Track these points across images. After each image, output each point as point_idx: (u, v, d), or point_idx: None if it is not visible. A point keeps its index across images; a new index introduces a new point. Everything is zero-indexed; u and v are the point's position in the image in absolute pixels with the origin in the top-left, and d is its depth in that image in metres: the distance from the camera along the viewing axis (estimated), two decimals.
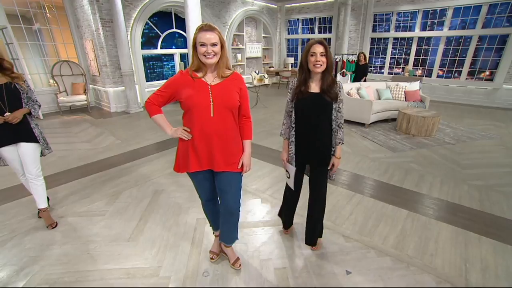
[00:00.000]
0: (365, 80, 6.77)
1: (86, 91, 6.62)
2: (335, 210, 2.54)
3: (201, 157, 1.51)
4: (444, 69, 7.91)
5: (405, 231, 2.25)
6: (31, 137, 2.15)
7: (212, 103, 1.39)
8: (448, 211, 2.53)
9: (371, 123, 5.15)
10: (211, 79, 1.44)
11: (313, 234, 1.96)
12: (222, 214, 1.70)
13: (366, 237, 2.19)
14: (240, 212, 1.72)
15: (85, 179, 3.18)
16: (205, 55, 1.36)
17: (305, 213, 1.98)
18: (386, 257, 1.97)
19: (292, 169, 1.80)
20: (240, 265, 1.85)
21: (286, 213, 2.14)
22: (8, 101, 2.02)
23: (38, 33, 7.11)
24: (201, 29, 1.34)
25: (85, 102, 6.56)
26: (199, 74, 1.42)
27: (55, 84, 6.44)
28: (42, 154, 2.31)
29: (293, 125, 1.75)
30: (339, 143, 1.73)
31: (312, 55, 1.57)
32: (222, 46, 1.39)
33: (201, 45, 1.34)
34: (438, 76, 8.02)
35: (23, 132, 2.11)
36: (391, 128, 4.99)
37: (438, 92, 7.88)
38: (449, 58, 7.75)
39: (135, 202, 2.69)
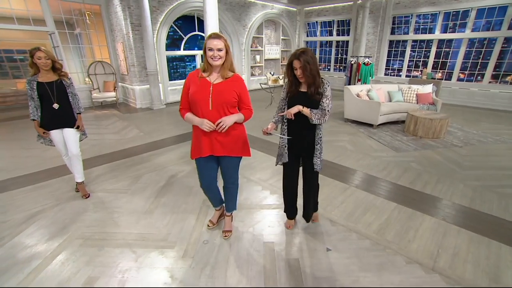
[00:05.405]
0: None
1: (116, 88, 7.33)
2: (328, 199, 2.78)
3: (204, 144, 1.84)
4: (465, 72, 7.68)
5: (390, 220, 2.44)
6: (74, 124, 2.65)
7: (210, 98, 1.72)
8: (436, 206, 2.68)
9: (379, 124, 5.24)
10: (214, 78, 1.76)
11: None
12: (224, 187, 2.11)
13: (351, 223, 2.42)
14: (238, 187, 2.14)
15: (113, 164, 3.69)
16: (212, 58, 1.68)
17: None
18: (366, 240, 2.20)
19: None
20: (226, 236, 2.20)
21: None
22: (57, 95, 2.53)
23: (79, 37, 7.97)
24: (210, 37, 1.67)
25: (115, 99, 7.27)
26: (205, 74, 1.76)
27: (90, 82, 7.21)
28: (79, 139, 2.81)
29: None
30: None
31: None
32: (227, 52, 1.70)
33: (209, 49, 1.66)
34: (459, 79, 7.80)
35: (68, 120, 2.63)
36: (399, 130, 5.06)
37: (459, 96, 7.67)
38: (471, 60, 7.52)
39: (153, 184, 3.12)
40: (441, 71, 8.09)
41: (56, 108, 2.54)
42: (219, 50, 1.65)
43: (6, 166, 3.60)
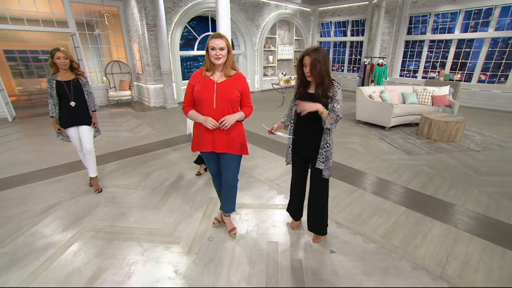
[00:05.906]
0: None
1: (131, 87, 7.56)
2: (334, 201, 2.75)
3: (206, 141, 1.89)
4: (487, 73, 7.34)
5: (397, 225, 2.39)
6: (88, 122, 2.78)
7: (215, 97, 1.77)
8: (447, 212, 2.59)
9: (392, 127, 5.11)
10: (217, 77, 1.81)
11: None
12: (223, 186, 2.10)
13: (357, 226, 2.38)
14: (237, 187, 2.12)
15: (125, 160, 3.82)
16: (214, 57, 1.73)
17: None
18: (371, 243, 2.16)
19: None
20: (235, 233, 2.22)
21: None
22: (73, 93, 2.66)
23: (98, 37, 8.29)
24: (212, 36, 1.73)
25: (130, 97, 7.51)
26: (208, 73, 1.81)
27: (107, 81, 7.49)
28: (93, 136, 2.94)
29: None
30: None
31: None
32: (229, 51, 1.75)
33: (211, 49, 1.72)
34: (480, 81, 7.46)
35: (83, 118, 2.76)
36: (412, 133, 4.91)
37: (479, 98, 7.34)
38: (493, 61, 7.17)
39: (162, 181, 3.21)
40: (460, 72, 7.76)
41: (73, 105, 2.66)
42: (221, 49, 1.69)
43: (30, 159, 3.82)
